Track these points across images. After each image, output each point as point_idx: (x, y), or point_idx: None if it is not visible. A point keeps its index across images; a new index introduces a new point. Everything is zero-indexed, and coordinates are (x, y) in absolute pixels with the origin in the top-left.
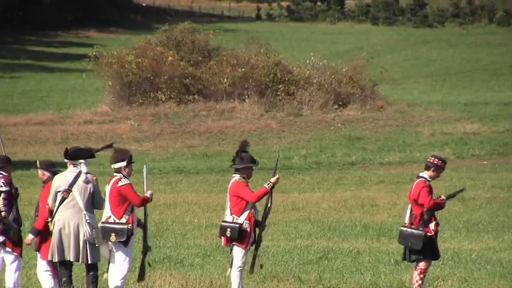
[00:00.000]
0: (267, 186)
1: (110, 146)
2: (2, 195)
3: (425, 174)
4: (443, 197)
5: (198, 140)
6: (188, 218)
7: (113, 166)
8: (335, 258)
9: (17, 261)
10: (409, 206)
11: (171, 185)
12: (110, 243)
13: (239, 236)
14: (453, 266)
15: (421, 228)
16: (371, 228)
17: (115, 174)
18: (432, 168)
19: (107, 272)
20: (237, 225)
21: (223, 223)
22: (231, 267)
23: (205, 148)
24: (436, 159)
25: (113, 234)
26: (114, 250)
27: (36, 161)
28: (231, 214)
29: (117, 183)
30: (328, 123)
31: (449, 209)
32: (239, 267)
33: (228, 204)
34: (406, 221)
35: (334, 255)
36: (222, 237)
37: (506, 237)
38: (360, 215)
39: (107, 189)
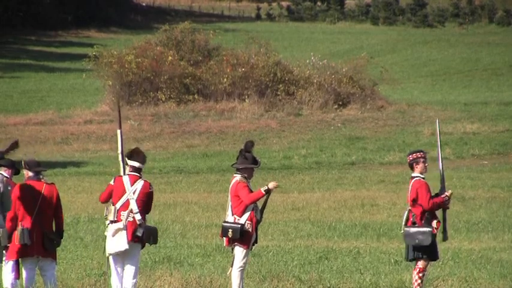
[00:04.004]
0: (262, 191)
1: (15, 145)
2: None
3: (416, 172)
4: (447, 193)
5: (198, 140)
6: (188, 217)
7: (143, 166)
8: (335, 258)
9: (13, 262)
10: (407, 209)
11: (171, 185)
12: (126, 244)
13: (241, 236)
14: (453, 266)
15: (426, 225)
16: (371, 228)
17: (137, 174)
18: (416, 164)
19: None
20: (239, 225)
21: (224, 223)
22: (232, 267)
23: (205, 148)
24: (413, 154)
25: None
26: (133, 250)
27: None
28: (233, 214)
29: (150, 188)
30: (328, 123)
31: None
32: (240, 267)
33: (229, 204)
34: (404, 222)
35: (334, 255)
36: (224, 238)
37: (506, 237)
38: (359, 215)
39: (137, 192)
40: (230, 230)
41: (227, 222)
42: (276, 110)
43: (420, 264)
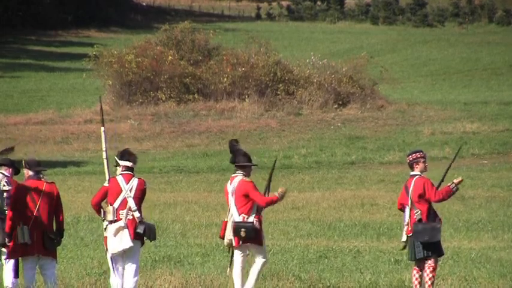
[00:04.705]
0: (278, 196)
1: (11, 149)
2: (5, 194)
3: (416, 171)
4: (455, 181)
5: (198, 139)
6: (188, 217)
7: (135, 166)
8: (335, 257)
9: (13, 261)
10: (408, 208)
11: (171, 184)
12: (130, 241)
13: (254, 234)
14: (453, 265)
15: (434, 221)
16: (371, 227)
17: (130, 173)
18: (416, 164)
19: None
20: (251, 224)
21: (236, 223)
22: (230, 266)
23: (205, 147)
24: (413, 154)
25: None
26: (133, 248)
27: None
28: (240, 214)
29: (145, 185)
30: (328, 122)
31: (449, 208)
32: (264, 261)
33: (233, 204)
34: (406, 222)
35: (334, 254)
36: (231, 238)
37: (506, 237)
38: (359, 214)
39: (133, 189)
40: (243, 230)
41: (237, 222)
42: (276, 109)
43: (432, 262)
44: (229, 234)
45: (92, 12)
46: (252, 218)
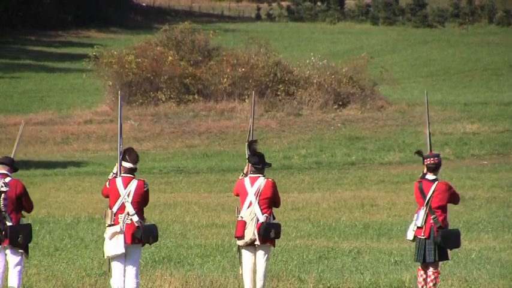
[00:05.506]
0: None
1: None
2: (3, 195)
3: (434, 175)
4: None
5: (198, 140)
6: (188, 217)
7: (136, 166)
8: (335, 258)
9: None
10: (423, 211)
11: (171, 185)
12: (123, 248)
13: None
14: (453, 266)
15: (456, 228)
16: (371, 228)
17: (130, 175)
18: (435, 168)
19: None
20: (278, 225)
21: (265, 224)
22: (240, 266)
23: (205, 148)
24: (437, 157)
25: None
26: (133, 250)
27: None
28: (263, 214)
29: (145, 187)
30: (328, 123)
31: (449, 208)
32: (268, 263)
33: (258, 204)
34: (420, 224)
35: (334, 254)
36: (257, 236)
37: (506, 237)
38: (359, 215)
39: (131, 194)
40: (273, 230)
41: (266, 222)
42: (276, 110)
43: (437, 267)
44: (252, 233)
45: (92, 13)
46: (271, 218)
